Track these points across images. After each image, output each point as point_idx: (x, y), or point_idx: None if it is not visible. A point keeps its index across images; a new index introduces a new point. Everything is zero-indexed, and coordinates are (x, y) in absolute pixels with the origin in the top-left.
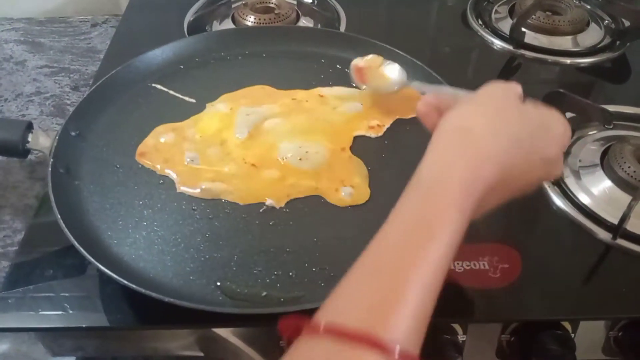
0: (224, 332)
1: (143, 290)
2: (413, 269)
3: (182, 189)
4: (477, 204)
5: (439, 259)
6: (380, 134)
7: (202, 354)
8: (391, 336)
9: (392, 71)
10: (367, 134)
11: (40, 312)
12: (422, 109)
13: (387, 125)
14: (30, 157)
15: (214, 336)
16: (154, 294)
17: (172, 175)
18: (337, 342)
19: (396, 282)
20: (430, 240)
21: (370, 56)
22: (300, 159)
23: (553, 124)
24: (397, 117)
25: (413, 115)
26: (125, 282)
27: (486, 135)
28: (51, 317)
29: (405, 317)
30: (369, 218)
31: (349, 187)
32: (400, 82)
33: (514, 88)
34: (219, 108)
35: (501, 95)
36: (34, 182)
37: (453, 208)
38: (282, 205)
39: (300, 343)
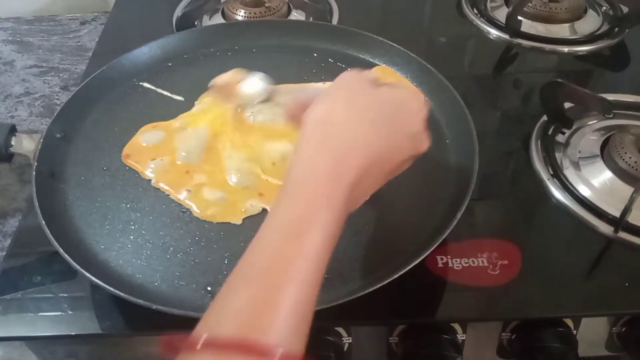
0: None
1: (131, 298)
2: (285, 267)
3: (162, 186)
4: (349, 194)
5: (313, 253)
6: None
7: None
8: (269, 339)
9: (253, 84)
10: None
11: (29, 320)
12: (289, 112)
13: None
14: (20, 159)
15: None
16: (141, 301)
17: (153, 180)
18: (215, 355)
19: (269, 283)
20: (300, 237)
21: (231, 72)
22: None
23: (409, 100)
24: None
25: None
26: (113, 289)
27: (346, 123)
28: (40, 325)
29: (283, 317)
30: (363, 219)
31: None
32: (263, 92)
33: (365, 74)
34: (209, 102)
35: (353, 83)
36: (23, 185)
37: (321, 201)
38: None
39: None
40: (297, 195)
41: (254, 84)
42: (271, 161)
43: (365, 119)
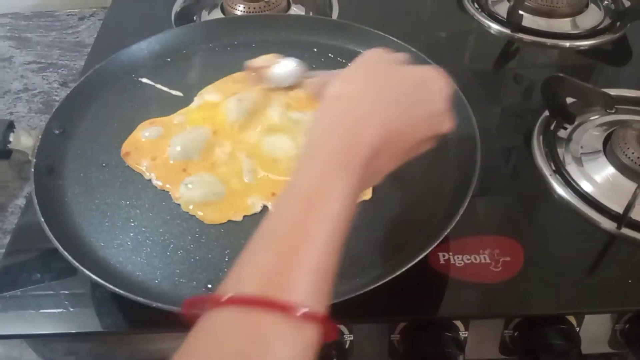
0: None
1: (131, 296)
2: (305, 229)
3: (159, 184)
4: (364, 167)
5: (331, 218)
6: None
7: None
8: (291, 296)
9: (286, 67)
10: None
11: (29, 318)
12: (312, 88)
13: None
14: (19, 156)
15: None
16: (141, 299)
17: (153, 176)
18: (239, 310)
19: (290, 245)
20: (318, 203)
21: (266, 55)
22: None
23: (431, 79)
24: None
25: None
26: (112, 287)
27: (363, 98)
28: (40, 323)
29: (305, 275)
30: (366, 213)
31: None
32: (294, 76)
33: (389, 53)
34: (208, 98)
35: (374, 60)
36: (22, 181)
37: (337, 171)
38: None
39: (205, 317)
40: (312, 165)
41: (286, 67)
42: (271, 157)
43: (382, 95)
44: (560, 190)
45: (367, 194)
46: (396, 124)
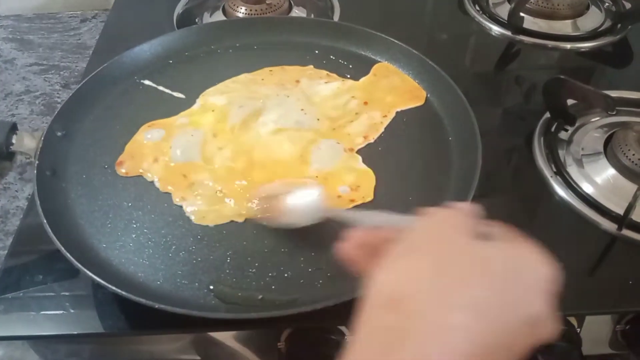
0: (220, 336)
1: (133, 297)
2: None
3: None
4: None
5: None
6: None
7: (198, 358)
8: None
9: (303, 201)
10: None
11: (31, 319)
12: (348, 254)
13: (388, 121)
14: (21, 157)
15: (210, 339)
16: (143, 300)
17: (155, 178)
18: None
19: None
20: None
21: (274, 184)
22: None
23: (530, 263)
24: (396, 109)
25: (411, 106)
26: (114, 288)
27: (429, 305)
28: (42, 324)
29: None
30: None
31: (347, 187)
32: (312, 214)
33: (464, 217)
34: (210, 100)
35: (445, 235)
36: (25, 183)
37: None
38: None
39: None
40: None
41: (303, 203)
42: (271, 159)
43: (463, 296)
44: (561, 191)
45: (369, 196)
46: (482, 343)
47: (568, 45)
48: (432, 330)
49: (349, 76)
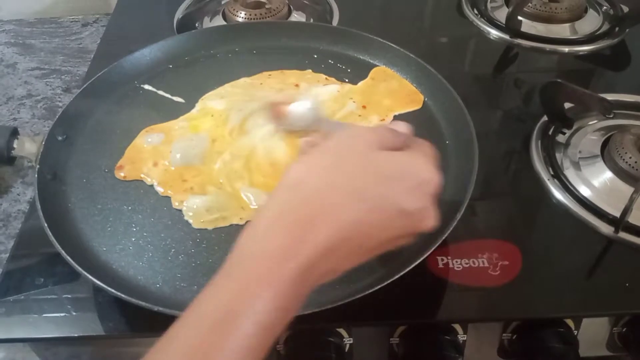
0: None
1: (132, 300)
2: None
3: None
4: (303, 273)
5: (239, 350)
6: None
7: None
8: None
9: (300, 107)
10: None
11: (32, 322)
12: (304, 147)
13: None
14: (22, 161)
15: None
16: (143, 303)
17: (155, 182)
18: None
19: None
20: (225, 329)
21: (286, 94)
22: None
23: (411, 171)
24: (394, 113)
25: (409, 110)
26: (114, 291)
27: (320, 189)
28: (43, 327)
29: None
30: None
31: None
32: (309, 119)
33: (371, 134)
34: (209, 104)
35: (349, 143)
36: (26, 187)
37: (257, 285)
38: None
39: None
40: (229, 277)
41: (299, 108)
42: (268, 162)
43: (346, 186)
44: (558, 194)
45: None
46: (356, 222)
47: (566, 49)
48: (315, 209)
49: (347, 80)
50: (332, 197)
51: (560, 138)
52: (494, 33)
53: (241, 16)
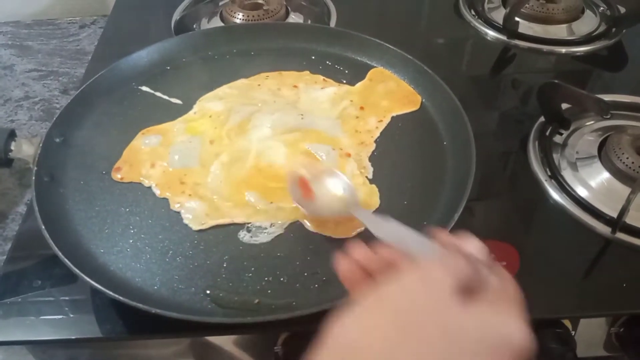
0: (217, 340)
1: (130, 302)
2: None
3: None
4: None
5: None
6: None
7: None
8: None
9: (332, 191)
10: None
11: (30, 324)
12: (344, 269)
13: (384, 126)
14: (20, 163)
15: (207, 344)
16: (140, 305)
17: (152, 184)
18: None
19: None
20: None
21: (307, 163)
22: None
23: (500, 337)
24: (392, 114)
25: (406, 111)
26: (112, 293)
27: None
28: (41, 329)
29: None
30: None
31: None
32: (337, 209)
33: (442, 275)
34: (207, 106)
35: (415, 291)
36: (23, 188)
37: None
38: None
39: None
40: None
41: (332, 195)
42: (267, 162)
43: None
44: (555, 195)
45: (375, 204)
46: None
47: (563, 50)
48: None
49: (345, 81)
50: None
51: (558, 139)
52: (491, 34)
53: (239, 18)
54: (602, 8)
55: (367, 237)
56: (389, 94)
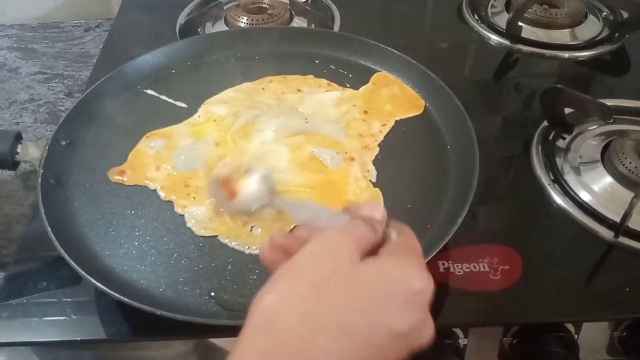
0: (221, 342)
1: (135, 303)
2: None
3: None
4: None
5: None
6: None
7: None
8: None
9: (254, 186)
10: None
11: (35, 325)
12: (266, 254)
13: (388, 130)
14: (25, 165)
15: (211, 345)
16: (145, 307)
17: (157, 186)
18: None
19: None
20: None
21: (229, 163)
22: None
23: (402, 283)
24: (395, 118)
25: (410, 115)
26: (117, 295)
27: (295, 329)
28: (45, 330)
29: None
30: None
31: None
32: (264, 198)
33: (346, 240)
34: (211, 109)
35: (324, 258)
36: (28, 191)
37: None
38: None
39: None
40: None
41: (252, 186)
42: (272, 167)
43: (328, 320)
44: (558, 199)
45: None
46: (353, 357)
47: (566, 54)
48: (294, 353)
49: (348, 85)
50: (311, 340)
51: (561, 143)
52: (494, 38)
53: (243, 22)
54: (605, 13)
55: None
56: (392, 98)
